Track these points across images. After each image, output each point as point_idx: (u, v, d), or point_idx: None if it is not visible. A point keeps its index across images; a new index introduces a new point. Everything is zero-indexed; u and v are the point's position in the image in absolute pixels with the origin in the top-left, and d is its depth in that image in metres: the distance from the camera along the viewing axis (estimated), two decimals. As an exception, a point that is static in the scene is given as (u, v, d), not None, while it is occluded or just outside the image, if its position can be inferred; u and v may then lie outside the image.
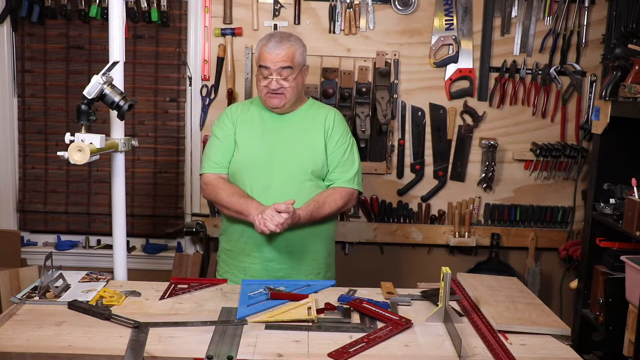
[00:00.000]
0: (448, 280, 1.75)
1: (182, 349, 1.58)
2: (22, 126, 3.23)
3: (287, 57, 2.13)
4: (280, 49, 2.12)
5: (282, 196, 2.11)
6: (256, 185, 2.18)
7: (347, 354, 1.57)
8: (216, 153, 2.26)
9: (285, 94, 2.16)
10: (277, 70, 2.13)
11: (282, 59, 2.12)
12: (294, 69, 2.15)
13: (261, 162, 2.19)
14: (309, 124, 2.25)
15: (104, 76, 1.93)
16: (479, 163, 3.23)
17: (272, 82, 2.14)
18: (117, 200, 2.20)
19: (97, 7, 3.04)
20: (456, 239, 3.22)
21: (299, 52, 2.17)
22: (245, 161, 2.21)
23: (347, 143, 2.26)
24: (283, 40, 2.14)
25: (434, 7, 3.10)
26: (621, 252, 2.47)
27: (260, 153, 2.20)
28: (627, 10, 2.86)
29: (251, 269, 2.22)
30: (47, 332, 1.66)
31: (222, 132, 2.27)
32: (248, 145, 2.22)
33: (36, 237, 3.35)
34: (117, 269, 2.22)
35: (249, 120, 2.26)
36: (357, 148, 2.31)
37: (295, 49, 2.15)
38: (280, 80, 2.13)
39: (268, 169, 2.18)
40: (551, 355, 1.64)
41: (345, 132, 2.28)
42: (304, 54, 2.21)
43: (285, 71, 2.13)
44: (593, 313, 2.67)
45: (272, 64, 2.12)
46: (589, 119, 3.13)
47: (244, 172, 2.20)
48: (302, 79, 2.21)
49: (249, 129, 2.24)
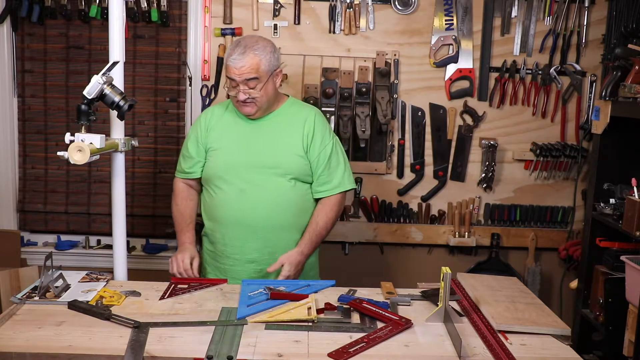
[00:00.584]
0: (448, 280, 1.75)
1: (182, 349, 1.58)
2: (22, 126, 3.23)
3: (251, 68, 2.08)
4: (244, 61, 2.07)
5: (259, 199, 2.15)
6: (233, 189, 2.19)
7: (347, 354, 1.57)
8: (185, 160, 2.31)
9: (256, 103, 2.15)
10: (243, 82, 2.10)
11: (247, 71, 2.08)
12: (261, 78, 2.10)
13: (236, 165, 2.19)
14: (287, 125, 2.24)
15: (104, 76, 1.93)
16: (479, 163, 3.23)
17: (239, 93, 2.12)
18: (117, 200, 2.21)
19: (97, 7, 3.04)
20: (456, 239, 3.22)
21: (265, 61, 2.10)
22: (221, 166, 2.22)
23: (330, 144, 2.25)
24: (247, 51, 2.08)
25: (434, 7, 3.10)
26: (621, 252, 2.47)
27: (234, 157, 2.21)
28: (627, 10, 2.86)
29: (232, 271, 2.23)
30: (47, 332, 1.66)
31: (193, 138, 2.29)
32: (223, 150, 2.23)
33: (36, 237, 3.35)
34: (117, 269, 2.22)
35: (224, 124, 2.26)
36: (341, 145, 2.31)
37: (261, 58, 2.09)
38: (247, 90, 2.11)
39: (243, 172, 2.18)
40: (551, 355, 1.64)
41: (327, 133, 2.26)
42: (272, 60, 2.13)
43: (251, 82, 2.10)
44: (593, 313, 2.67)
45: (237, 77, 2.09)
46: (589, 119, 3.13)
47: (219, 177, 2.21)
48: (272, 85, 2.17)
49: (223, 133, 2.25)
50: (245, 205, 2.17)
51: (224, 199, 2.20)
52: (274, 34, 3.09)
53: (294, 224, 2.23)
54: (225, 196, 2.20)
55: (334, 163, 2.25)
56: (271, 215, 2.18)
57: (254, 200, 2.16)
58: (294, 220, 2.22)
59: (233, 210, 2.19)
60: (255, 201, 2.16)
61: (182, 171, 2.33)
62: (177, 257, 2.21)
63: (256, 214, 2.17)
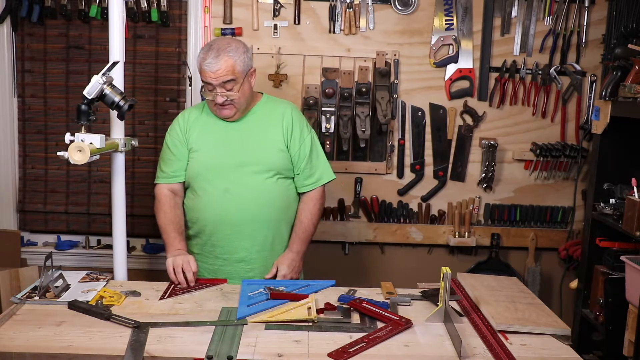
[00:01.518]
0: (448, 280, 1.75)
1: (182, 349, 1.59)
2: (22, 126, 3.23)
3: (227, 70, 2.08)
4: (219, 65, 2.07)
5: (243, 197, 2.15)
6: (215, 190, 2.19)
7: (347, 354, 1.57)
8: (166, 163, 2.29)
9: (234, 104, 2.15)
10: (220, 84, 2.10)
11: (223, 74, 2.08)
12: (237, 79, 2.11)
13: (218, 165, 2.19)
14: (266, 122, 2.25)
15: (104, 76, 1.93)
16: (479, 163, 3.23)
17: (217, 97, 2.12)
18: (117, 200, 2.21)
19: (97, 7, 3.04)
20: (456, 239, 3.22)
21: (239, 62, 2.11)
22: (202, 167, 2.22)
23: (309, 137, 2.28)
24: (221, 54, 2.08)
25: (434, 7, 3.10)
26: (621, 252, 2.47)
27: (215, 157, 2.21)
28: (627, 10, 2.86)
29: (222, 271, 2.24)
30: (47, 332, 1.66)
31: (172, 141, 2.28)
32: (202, 151, 2.23)
33: (36, 237, 3.35)
34: (117, 269, 2.22)
35: (202, 125, 2.25)
36: (317, 138, 2.34)
37: (235, 59, 2.10)
38: (225, 92, 2.11)
39: (225, 172, 2.19)
40: (551, 355, 1.64)
41: (305, 127, 2.29)
42: (246, 60, 2.14)
43: (228, 84, 2.11)
44: (593, 313, 2.67)
45: (214, 80, 2.09)
46: (589, 119, 3.13)
47: (201, 178, 2.21)
48: (248, 84, 2.18)
49: (202, 135, 2.24)
50: (230, 205, 2.17)
51: (208, 200, 2.20)
52: (274, 34, 3.09)
53: (280, 220, 2.24)
54: (209, 197, 2.20)
55: (315, 155, 2.29)
56: (256, 213, 2.18)
57: (238, 199, 2.16)
58: (279, 216, 2.23)
59: (218, 210, 2.19)
60: (240, 200, 2.17)
61: (167, 175, 2.28)
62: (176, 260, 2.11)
63: (241, 213, 2.18)
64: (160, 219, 2.26)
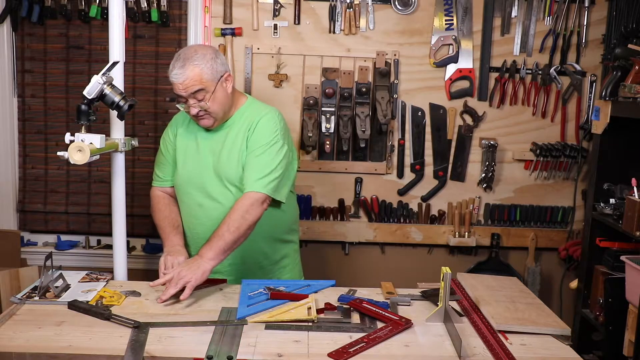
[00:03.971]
0: (448, 280, 1.75)
1: (182, 349, 1.59)
2: (22, 126, 3.23)
3: (194, 80, 2.00)
4: (184, 75, 2.00)
5: (215, 213, 2.08)
6: (192, 203, 2.17)
7: (347, 354, 1.57)
8: (159, 167, 2.29)
9: (210, 113, 2.07)
10: (190, 95, 2.02)
11: (191, 84, 2.00)
12: (207, 88, 2.02)
13: (194, 178, 2.15)
14: (236, 131, 2.13)
15: (104, 76, 1.93)
16: (479, 163, 3.23)
17: (190, 108, 2.05)
18: (117, 200, 2.21)
19: (97, 7, 3.04)
20: (456, 239, 3.22)
21: (206, 70, 2.02)
22: (181, 179, 2.20)
23: (266, 144, 2.07)
24: (186, 64, 2.00)
25: (434, 7, 3.10)
26: (621, 252, 2.47)
27: (193, 169, 2.17)
28: (627, 10, 2.86)
29: None
30: (47, 332, 1.66)
31: (164, 144, 2.27)
32: (183, 162, 2.20)
33: (36, 237, 3.35)
34: (117, 269, 2.22)
35: (188, 134, 2.21)
36: (283, 154, 2.09)
37: (201, 68, 2.01)
38: (197, 103, 2.04)
39: (201, 185, 2.14)
40: (551, 355, 1.64)
41: (268, 134, 2.08)
42: (215, 66, 2.04)
43: (199, 94, 2.02)
44: (593, 313, 2.67)
45: (183, 92, 2.02)
46: (589, 119, 3.13)
47: (181, 190, 2.20)
48: (223, 91, 2.07)
49: (185, 144, 2.20)
50: (205, 220, 2.14)
51: (187, 212, 2.20)
52: (274, 34, 3.09)
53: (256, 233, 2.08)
54: (187, 210, 2.20)
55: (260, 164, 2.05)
56: None
57: (211, 215, 2.11)
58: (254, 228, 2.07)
59: (195, 225, 2.18)
60: (213, 216, 2.10)
61: (159, 179, 2.28)
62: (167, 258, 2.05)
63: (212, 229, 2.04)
64: (155, 218, 2.24)
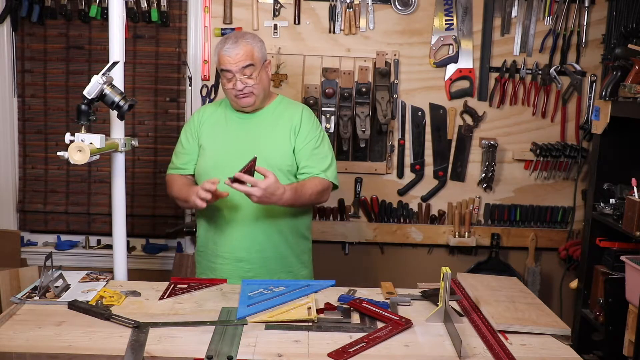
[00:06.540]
0: (448, 280, 1.75)
1: (182, 349, 1.58)
2: (22, 126, 3.23)
3: (246, 55, 2.12)
4: (238, 49, 2.11)
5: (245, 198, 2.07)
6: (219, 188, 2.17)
7: (347, 354, 1.57)
8: (177, 156, 2.33)
9: (254, 92, 2.16)
10: (240, 70, 2.12)
11: (242, 58, 2.11)
12: (256, 65, 2.14)
13: (225, 164, 2.17)
14: (276, 121, 2.24)
15: (104, 76, 1.93)
16: (479, 163, 3.23)
17: (237, 83, 2.13)
18: (117, 200, 2.21)
19: (97, 7, 3.04)
20: (456, 239, 3.22)
21: (257, 48, 2.15)
22: (209, 165, 2.22)
23: (317, 137, 2.24)
24: (239, 40, 2.13)
25: (434, 7, 3.10)
26: (621, 252, 2.47)
27: (223, 156, 2.21)
28: (627, 10, 2.86)
29: (221, 270, 2.23)
30: (47, 332, 1.66)
31: (185, 135, 2.31)
32: (211, 149, 2.24)
33: (36, 237, 3.35)
34: (117, 269, 2.22)
35: (214, 123, 2.27)
36: (329, 143, 2.30)
37: (253, 45, 2.14)
38: (244, 79, 2.13)
39: (230, 171, 2.12)
40: (551, 355, 1.64)
41: (315, 127, 2.26)
42: (263, 49, 2.20)
43: (247, 69, 2.13)
44: (593, 313, 2.67)
45: (233, 66, 2.12)
46: (589, 119, 3.13)
47: (209, 176, 2.19)
48: (266, 74, 2.21)
49: (212, 132, 2.26)
50: (236, 205, 2.17)
51: None
52: (274, 34, 3.09)
53: (281, 222, 2.22)
54: None
55: (321, 154, 2.23)
56: (258, 214, 2.18)
57: (241, 200, 2.14)
58: (281, 217, 2.21)
59: (221, 210, 2.20)
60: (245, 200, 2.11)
61: (176, 167, 2.33)
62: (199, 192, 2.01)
63: (243, 214, 2.17)
64: (174, 192, 2.25)
